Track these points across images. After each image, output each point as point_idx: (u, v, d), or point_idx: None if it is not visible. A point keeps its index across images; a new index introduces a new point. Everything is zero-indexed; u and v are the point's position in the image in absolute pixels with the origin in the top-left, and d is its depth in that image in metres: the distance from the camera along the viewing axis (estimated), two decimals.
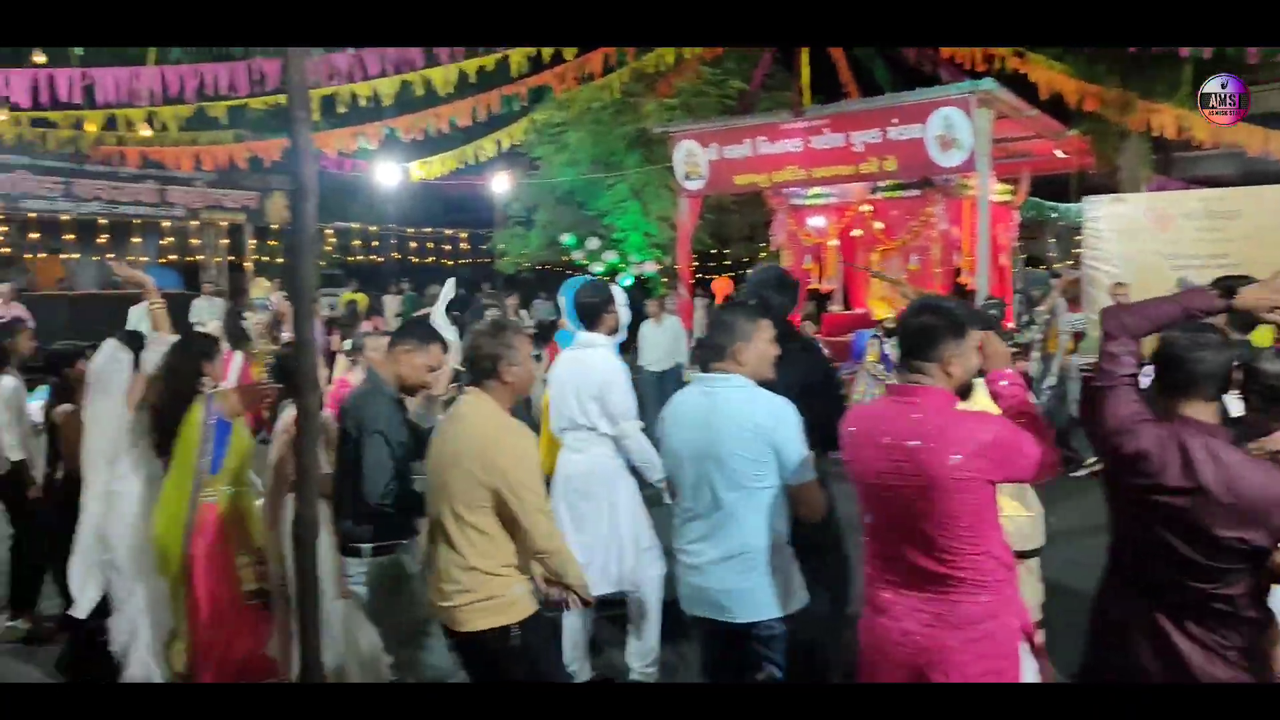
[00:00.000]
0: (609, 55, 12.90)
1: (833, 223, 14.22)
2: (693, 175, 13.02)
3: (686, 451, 3.14)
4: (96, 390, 4.34)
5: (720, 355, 3.17)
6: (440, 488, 3.11)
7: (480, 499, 3.02)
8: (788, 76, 14.99)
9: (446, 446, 3.13)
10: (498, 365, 3.13)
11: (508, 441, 3.07)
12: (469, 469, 3.02)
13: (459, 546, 3.06)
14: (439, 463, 3.14)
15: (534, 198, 18.99)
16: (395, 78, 11.78)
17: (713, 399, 3.12)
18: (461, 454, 3.05)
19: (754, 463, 3.01)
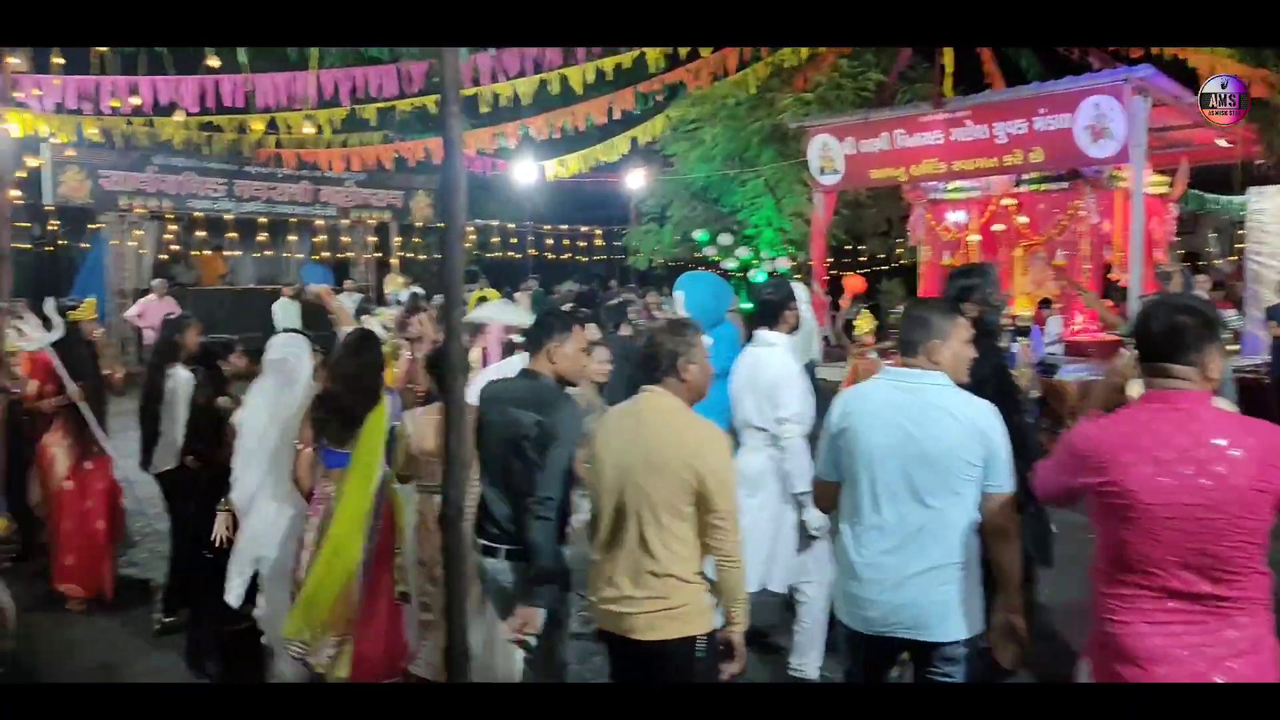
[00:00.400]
0: (744, 51, 12.83)
1: (974, 217, 13.81)
2: (827, 170, 12.85)
3: (885, 452, 2.90)
4: (280, 380, 4.39)
5: (912, 351, 3.00)
6: (630, 490, 2.99)
7: (684, 502, 2.93)
8: (928, 68, 14.62)
9: (635, 447, 3.02)
10: (676, 362, 3.06)
11: (713, 442, 3.00)
12: (676, 471, 2.92)
13: (655, 551, 2.95)
14: (625, 463, 3.02)
15: (667, 194, 19.08)
16: (534, 77, 12.03)
17: (919, 396, 2.92)
18: (663, 455, 2.95)
19: (968, 465, 2.83)
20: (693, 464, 2.90)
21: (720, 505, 2.92)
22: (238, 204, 17.70)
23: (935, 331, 2.99)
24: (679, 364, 3.07)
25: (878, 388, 3.05)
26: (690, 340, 3.11)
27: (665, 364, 3.07)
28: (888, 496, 2.90)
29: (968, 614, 2.86)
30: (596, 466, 3.13)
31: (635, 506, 2.98)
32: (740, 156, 17.29)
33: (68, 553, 5.73)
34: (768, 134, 16.60)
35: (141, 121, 13.26)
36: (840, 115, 13.70)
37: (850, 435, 2.99)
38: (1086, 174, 11.98)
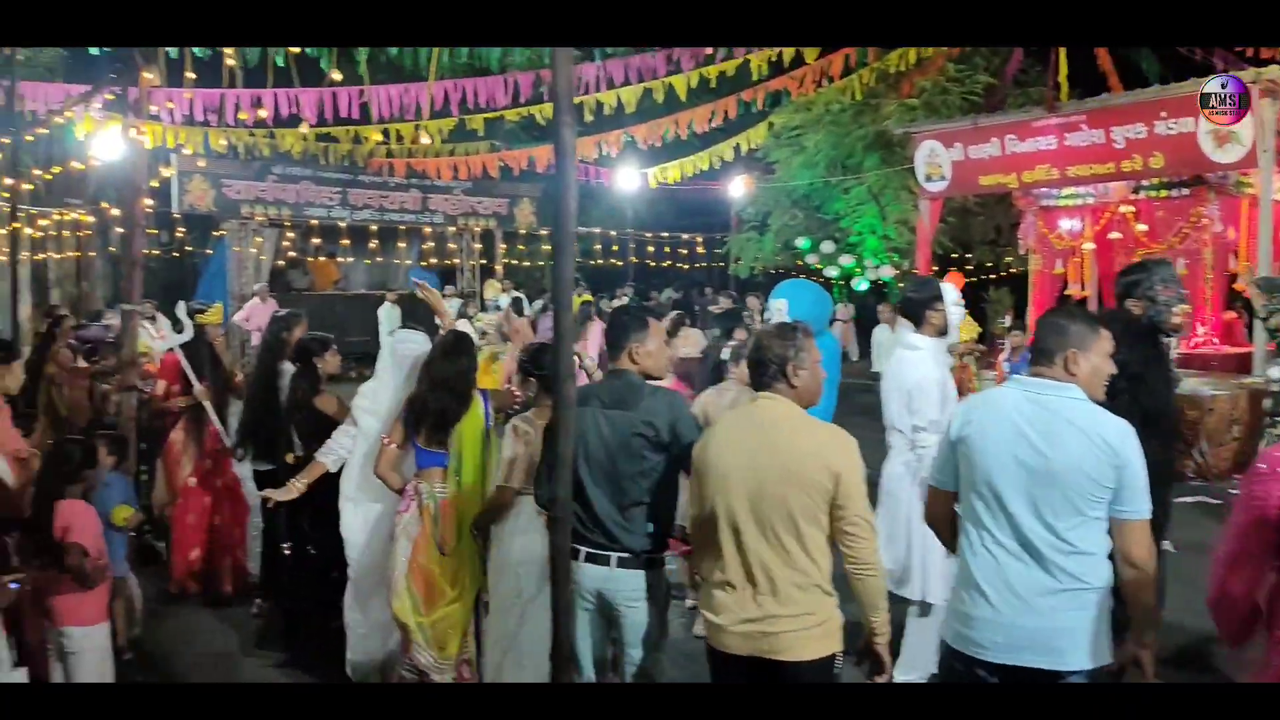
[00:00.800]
0: (849, 56, 12.72)
1: (1088, 225, 13.34)
2: (934, 176, 12.63)
3: (1007, 466, 2.72)
4: (398, 372, 4.47)
5: (1048, 360, 2.80)
6: (764, 500, 2.86)
7: (821, 508, 2.83)
8: (1040, 71, 14.25)
9: (762, 455, 2.90)
10: (785, 367, 2.98)
11: (844, 444, 2.91)
12: (812, 475, 2.82)
13: (798, 563, 2.83)
14: (753, 472, 2.89)
15: (769, 201, 19.02)
16: (638, 86, 12.15)
17: (1051, 409, 2.71)
18: (797, 461, 2.85)
19: (1098, 486, 2.62)
20: (828, 467, 2.82)
21: (857, 509, 2.84)
22: (351, 212, 18.31)
23: (1074, 340, 2.78)
24: (788, 369, 2.98)
25: (1005, 396, 2.87)
26: (799, 345, 3.01)
27: (774, 369, 2.99)
28: (1010, 514, 2.71)
29: (1095, 643, 2.64)
30: (712, 479, 2.99)
31: (770, 517, 2.85)
32: (843, 163, 17.14)
33: (190, 548, 5.90)
34: (872, 140, 16.42)
35: (263, 133, 13.85)
36: (948, 120, 13.44)
37: (970, 444, 2.82)
38: (1210, 180, 11.48)
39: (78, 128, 10.85)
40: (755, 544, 2.87)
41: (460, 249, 20.51)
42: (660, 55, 11.78)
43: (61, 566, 3.85)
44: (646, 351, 3.53)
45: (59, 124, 10.23)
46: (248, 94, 11.45)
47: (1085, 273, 13.84)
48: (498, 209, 20.03)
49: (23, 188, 10.27)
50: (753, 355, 3.09)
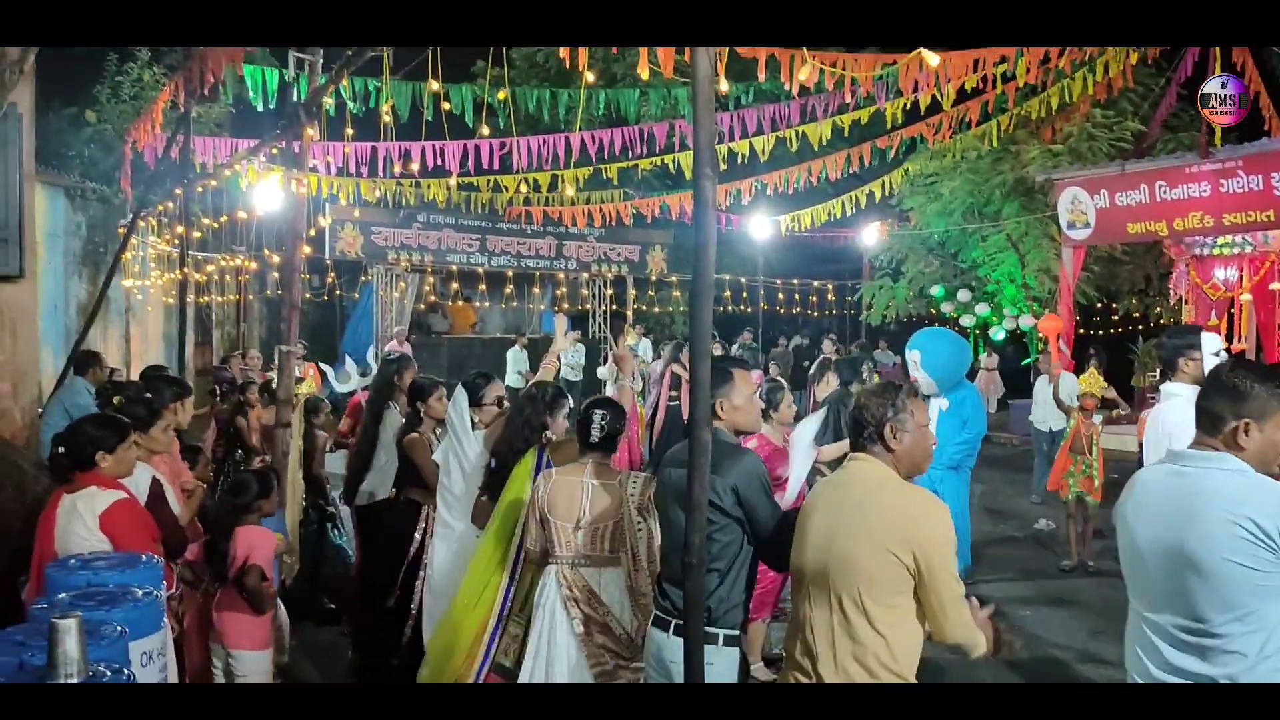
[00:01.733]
0: (988, 103, 12.50)
1: (1247, 274, 12.69)
2: (1078, 224, 12.25)
3: (1149, 549, 2.43)
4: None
5: (1212, 429, 2.42)
6: (829, 565, 2.68)
7: (894, 582, 2.59)
8: (1194, 115, 13.67)
9: (837, 518, 2.71)
10: (882, 428, 2.76)
11: (928, 515, 2.64)
12: (886, 547, 2.58)
13: (859, 635, 2.61)
14: (826, 537, 2.71)
15: (902, 248, 18.76)
16: (771, 135, 12.23)
17: (1196, 484, 2.36)
18: (869, 528, 2.63)
19: (1250, 572, 2.22)
20: (907, 540, 2.57)
21: (936, 587, 2.57)
22: (489, 258, 18.94)
23: (1251, 408, 2.35)
24: (885, 430, 2.76)
25: (1156, 471, 2.54)
26: (900, 405, 2.78)
27: (871, 430, 2.78)
28: (1159, 604, 2.40)
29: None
30: (799, 541, 2.84)
31: (838, 585, 2.65)
32: (981, 210, 16.79)
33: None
34: (1011, 187, 16.04)
35: (410, 183, 14.52)
36: (1093, 167, 13.03)
37: (1122, 524, 2.54)
38: None
39: (243, 179, 11.62)
40: (820, 612, 2.69)
41: (592, 294, 20.91)
42: (795, 104, 11.84)
43: (241, 588, 4.08)
44: (733, 406, 3.38)
45: (226, 176, 10.97)
46: (397, 146, 12.05)
47: (1242, 325, 13.10)
48: (629, 255, 20.37)
49: (193, 235, 11.03)
50: (852, 413, 2.91)
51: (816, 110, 12.02)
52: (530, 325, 20.45)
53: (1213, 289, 12.99)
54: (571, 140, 11.99)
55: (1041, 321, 12.48)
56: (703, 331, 2.94)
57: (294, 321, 6.42)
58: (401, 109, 10.75)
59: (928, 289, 18.41)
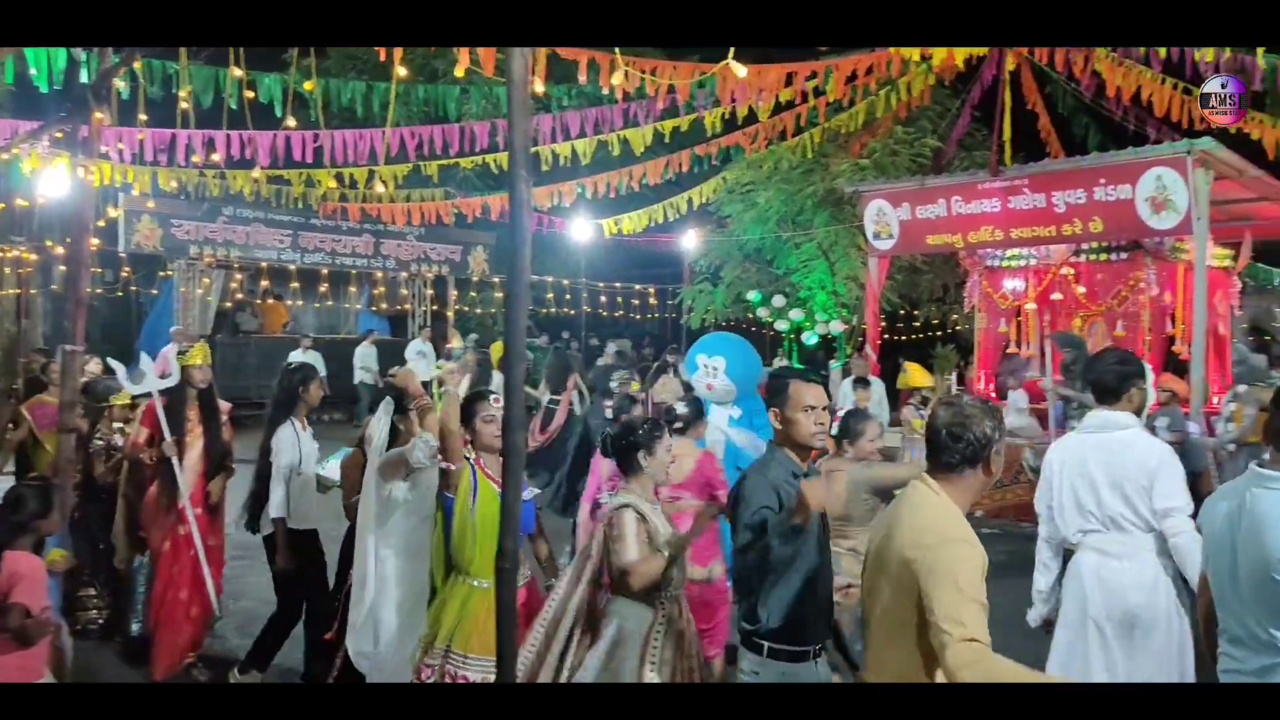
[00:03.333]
0: (800, 115, 12.99)
1: (1031, 285, 13.68)
2: (882, 235, 12.87)
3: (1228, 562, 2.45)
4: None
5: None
6: (868, 589, 2.60)
7: (909, 606, 2.40)
8: (985, 135, 14.66)
9: (880, 538, 2.60)
10: (987, 450, 2.50)
11: (931, 529, 2.42)
12: (897, 562, 2.44)
13: (884, 661, 2.54)
14: (872, 557, 2.61)
15: (721, 254, 19.23)
16: (593, 138, 12.28)
17: (1259, 502, 2.41)
18: (891, 547, 2.49)
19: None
20: (910, 555, 2.37)
21: (938, 605, 2.26)
22: (302, 255, 18.18)
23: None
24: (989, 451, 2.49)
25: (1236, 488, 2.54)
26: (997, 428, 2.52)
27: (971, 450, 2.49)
28: (1245, 614, 2.43)
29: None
30: (865, 562, 2.71)
31: (870, 607, 2.56)
32: (794, 219, 17.41)
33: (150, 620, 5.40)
34: (822, 198, 16.71)
35: (214, 174, 13.74)
36: (896, 181, 13.75)
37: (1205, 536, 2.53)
38: (1147, 245, 11.85)
39: (24, 164, 10.68)
40: (870, 638, 2.61)
41: (412, 295, 20.43)
42: (616, 109, 11.93)
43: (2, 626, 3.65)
44: (786, 419, 3.27)
45: (3, 160, 10.05)
46: (200, 134, 11.37)
47: (1029, 332, 14.14)
48: (450, 255, 20.01)
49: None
50: (942, 428, 2.55)
51: (638, 115, 12.15)
52: (347, 325, 19.75)
53: (1002, 298, 13.94)
54: (390, 135, 11.65)
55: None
56: (518, 334, 2.90)
57: (80, 319, 5.87)
58: (203, 95, 10.13)
59: (745, 294, 18.95)
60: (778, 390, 3.24)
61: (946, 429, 2.50)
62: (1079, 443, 3.99)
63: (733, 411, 6.73)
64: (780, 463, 3.26)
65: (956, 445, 2.47)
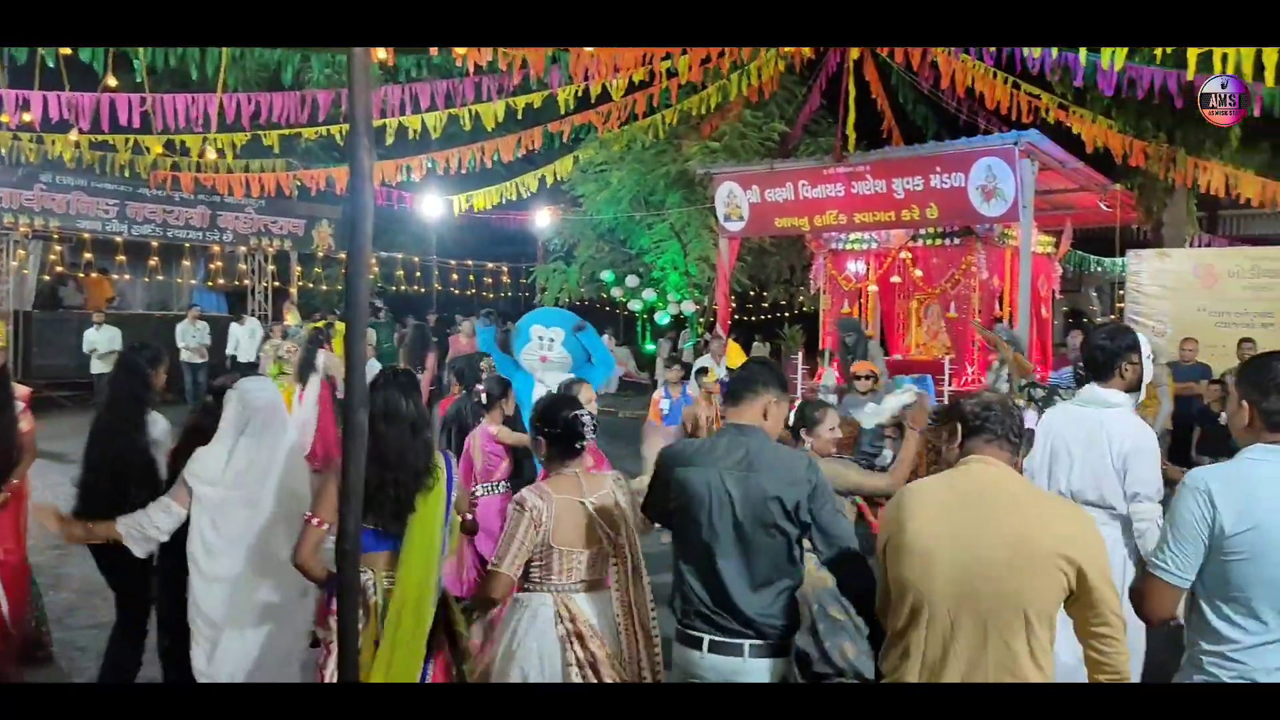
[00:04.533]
0: (653, 96, 13.05)
1: (872, 268, 14.23)
2: (733, 217, 13.10)
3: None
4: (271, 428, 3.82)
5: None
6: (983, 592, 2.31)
7: (1057, 603, 2.31)
8: (831, 122, 15.11)
9: (985, 534, 2.33)
10: (1019, 430, 2.49)
11: (1088, 524, 2.40)
12: (1049, 560, 2.28)
13: (1024, 670, 2.30)
14: (972, 555, 2.33)
15: (575, 233, 19.22)
16: (443, 112, 12.01)
17: None
18: (1032, 542, 2.30)
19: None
20: (1068, 552, 2.28)
21: (1108, 604, 2.30)
22: (130, 226, 17.10)
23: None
24: (1013, 430, 2.48)
25: (1257, 468, 2.38)
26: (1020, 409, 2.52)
27: (1007, 430, 2.48)
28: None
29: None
30: (919, 562, 2.40)
31: (992, 612, 2.30)
32: (647, 200, 17.55)
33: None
34: (675, 179, 16.90)
35: (29, 138, 12.76)
36: (746, 164, 14.01)
37: (1259, 535, 2.28)
38: (978, 231, 12.48)
39: None
40: (966, 645, 2.33)
41: (252, 270, 19.55)
42: (468, 82, 11.69)
43: None
44: (781, 412, 3.11)
45: None
46: (12, 94, 10.52)
47: (870, 314, 14.70)
48: (293, 229, 19.22)
49: None
50: (973, 410, 2.53)
51: (490, 90, 11.95)
52: (181, 302, 18.74)
53: (845, 280, 14.43)
54: (225, 102, 11.06)
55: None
56: (359, 309, 2.79)
57: None
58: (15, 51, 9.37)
59: (598, 274, 19.00)
60: (770, 378, 3.10)
61: (977, 410, 2.53)
62: (1067, 414, 3.97)
63: None
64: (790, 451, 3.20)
65: (992, 425, 2.50)
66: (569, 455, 3.31)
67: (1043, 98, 12.02)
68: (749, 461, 2.90)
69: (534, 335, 6.87)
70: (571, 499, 3.22)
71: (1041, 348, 13.13)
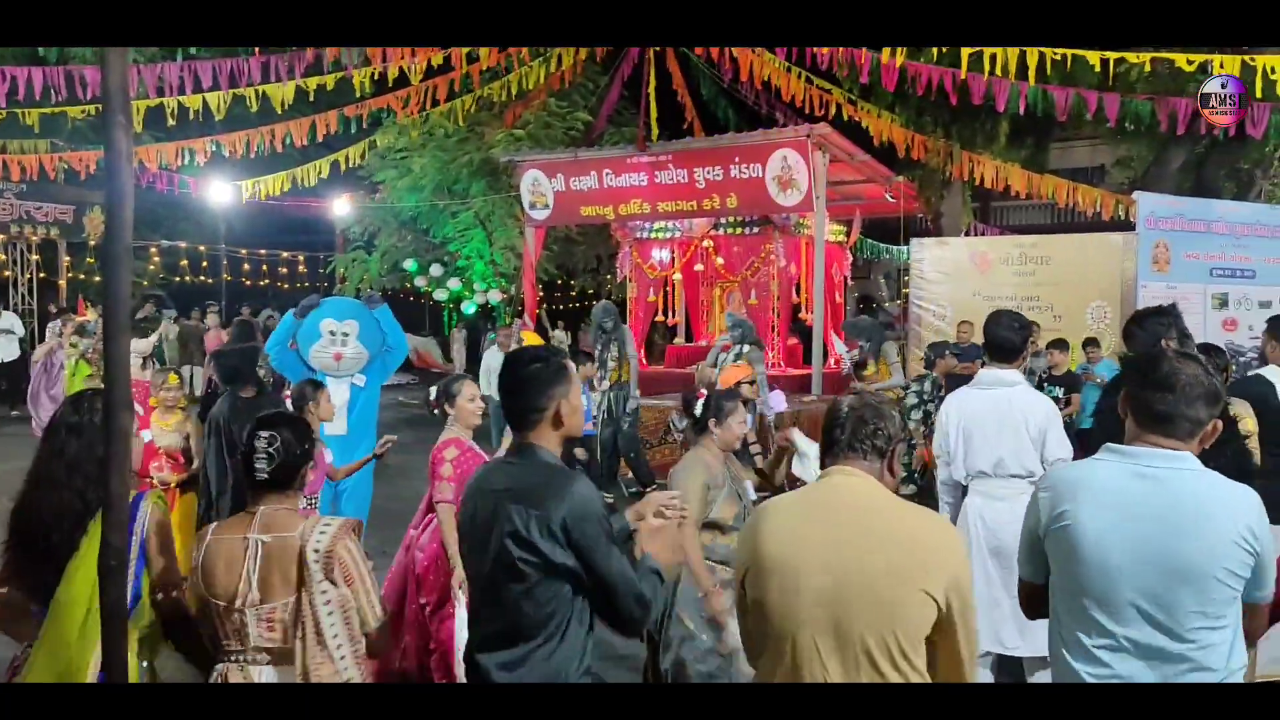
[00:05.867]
0: (454, 81, 12.78)
1: (677, 257, 14.48)
2: (538, 205, 13.02)
3: (1126, 556, 2.23)
4: None
5: (1176, 429, 2.28)
6: (860, 612, 2.15)
7: (926, 628, 2.16)
8: (634, 112, 15.25)
9: (852, 552, 2.18)
10: (894, 442, 2.34)
11: (955, 542, 2.28)
12: (916, 582, 2.14)
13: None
14: (839, 574, 2.17)
15: (376, 221, 18.61)
16: (227, 92, 11.33)
17: (1168, 488, 2.24)
18: (898, 563, 2.16)
19: (1236, 579, 2.20)
20: (935, 573, 2.15)
21: (966, 633, 2.19)
22: None
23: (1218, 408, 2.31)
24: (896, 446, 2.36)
25: (1111, 472, 2.33)
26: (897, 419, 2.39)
27: (879, 441, 2.32)
28: (1128, 616, 2.25)
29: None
30: (780, 583, 2.24)
31: (862, 633, 2.14)
32: (450, 188, 17.20)
33: None
34: (478, 167, 16.64)
35: None
36: (551, 152, 13.95)
37: (1071, 532, 2.30)
38: (776, 220, 12.92)
39: None
40: (838, 671, 2.18)
41: (13, 260, 17.84)
42: (254, 61, 11.05)
43: None
44: (571, 408, 2.60)
45: None
46: None
47: (675, 302, 14.97)
48: (60, 216, 17.66)
49: None
50: (842, 418, 2.36)
51: (280, 70, 11.35)
52: None
53: (650, 269, 14.62)
54: None
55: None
56: (120, 301, 2.55)
57: None
58: None
59: (401, 263, 18.49)
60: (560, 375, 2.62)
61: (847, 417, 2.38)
62: (972, 396, 4.38)
63: (357, 380, 6.43)
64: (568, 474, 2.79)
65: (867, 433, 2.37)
66: (253, 489, 2.79)
67: (833, 92, 12.56)
68: (509, 487, 2.50)
69: (324, 331, 6.35)
70: (234, 538, 2.74)
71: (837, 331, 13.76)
